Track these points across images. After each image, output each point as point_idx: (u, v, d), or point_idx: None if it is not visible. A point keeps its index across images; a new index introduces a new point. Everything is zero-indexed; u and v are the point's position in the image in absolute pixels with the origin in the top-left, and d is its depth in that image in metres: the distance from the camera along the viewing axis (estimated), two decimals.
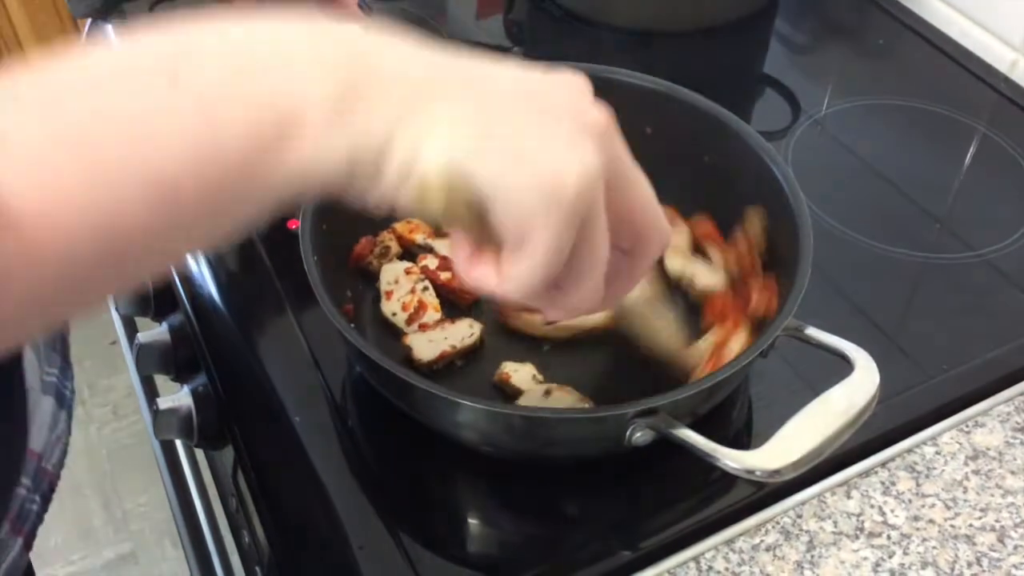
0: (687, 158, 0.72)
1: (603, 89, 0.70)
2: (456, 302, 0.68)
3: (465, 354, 0.65)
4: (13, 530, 0.55)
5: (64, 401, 0.61)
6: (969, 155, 0.85)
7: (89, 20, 1.00)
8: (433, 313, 0.66)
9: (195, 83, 0.33)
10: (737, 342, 0.61)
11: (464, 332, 0.64)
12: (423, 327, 0.65)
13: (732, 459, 0.50)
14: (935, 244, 0.77)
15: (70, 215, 0.31)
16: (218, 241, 0.37)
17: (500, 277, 0.39)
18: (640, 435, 0.52)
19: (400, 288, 0.67)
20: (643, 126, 0.73)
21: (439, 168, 0.36)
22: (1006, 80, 0.91)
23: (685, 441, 0.51)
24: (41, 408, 0.58)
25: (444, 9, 1.04)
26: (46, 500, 0.58)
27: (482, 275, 0.40)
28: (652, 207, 0.42)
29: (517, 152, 0.36)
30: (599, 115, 0.39)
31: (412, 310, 0.65)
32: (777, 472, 0.49)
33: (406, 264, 0.68)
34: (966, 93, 0.91)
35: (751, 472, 0.49)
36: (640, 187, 0.41)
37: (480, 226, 0.38)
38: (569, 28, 0.99)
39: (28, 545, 0.56)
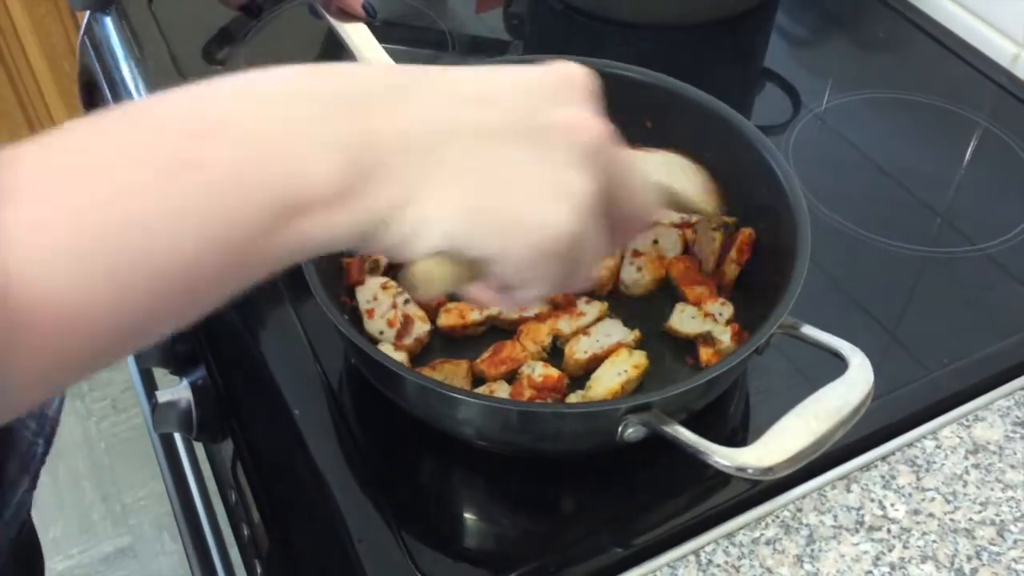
0: (687, 152, 0.71)
1: (603, 83, 0.72)
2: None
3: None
4: (23, 469, 0.58)
5: None
6: (970, 149, 0.85)
7: (87, 13, 1.00)
8: (422, 325, 0.64)
9: (209, 170, 0.34)
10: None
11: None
12: (419, 341, 0.64)
13: (724, 456, 0.49)
14: (936, 238, 0.77)
15: (87, 308, 0.32)
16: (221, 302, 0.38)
17: (500, 298, 0.42)
18: (632, 431, 0.52)
19: (380, 305, 0.65)
20: (644, 120, 0.72)
21: (439, 250, 0.39)
22: (1008, 74, 0.91)
23: (676, 438, 0.51)
24: None
25: (444, 2, 1.04)
26: (48, 443, 0.61)
27: (480, 295, 0.43)
28: (642, 194, 0.45)
29: (511, 220, 0.39)
30: (593, 130, 0.41)
31: (399, 325, 0.64)
32: (770, 470, 0.49)
33: (381, 279, 0.66)
34: (967, 87, 0.90)
35: (743, 470, 0.49)
36: (633, 185, 0.44)
37: (481, 272, 0.41)
38: (569, 22, 0.99)
39: (33, 484, 0.59)
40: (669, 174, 0.64)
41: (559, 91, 0.41)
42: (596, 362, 0.63)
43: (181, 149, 0.34)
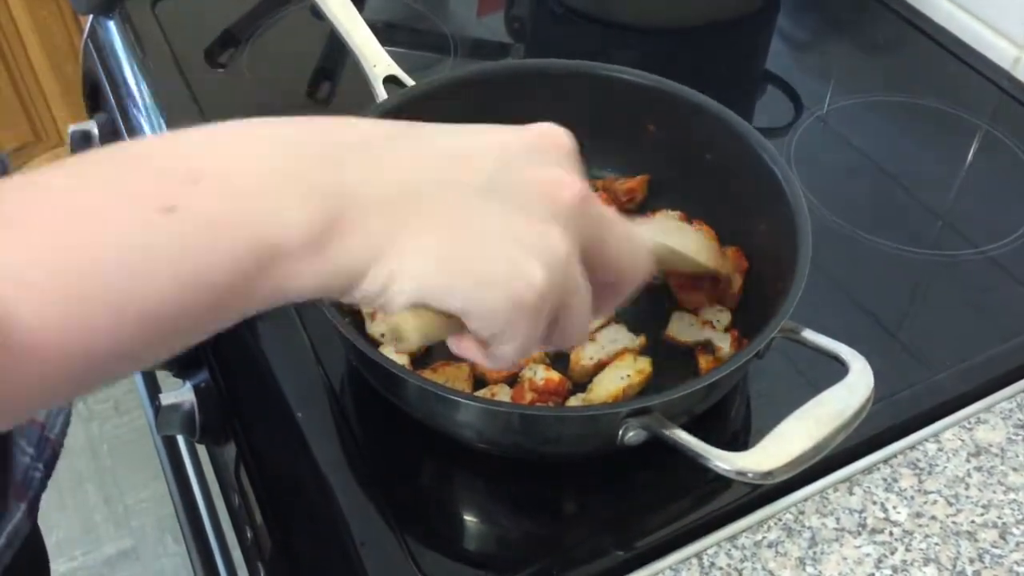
0: (689, 156, 0.72)
1: (605, 87, 0.72)
2: None
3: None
4: (17, 495, 0.57)
5: None
6: (971, 152, 0.85)
7: (91, 16, 1.00)
8: None
9: (190, 216, 0.35)
10: None
11: None
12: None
13: (723, 460, 0.50)
14: (938, 240, 0.77)
15: (66, 342, 0.33)
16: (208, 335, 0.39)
17: (483, 354, 0.42)
18: (633, 434, 0.52)
19: None
20: (646, 123, 0.73)
21: (412, 305, 0.39)
22: (1009, 77, 0.91)
23: (676, 442, 0.51)
24: None
25: (445, 5, 1.04)
26: (49, 469, 0.60)
27: (466, 350, 0.43)
28: (630, 253, 0.45)
29: (484, 274, 0.39)
30: (569, 191, 0.41)
31: None
32: (769, 474, 0.49)
33: None
34: (968, 90, 0.91)
35: (743, 474, 0.49)
36: (617, 241, 0.44)
37: (459, 326, 0.41)
38: (571, 24, 0.99)
39: (31, 512, 0.58)
40: (666, 234, 0.64)
41: (537, 151, 0.42)
42: (602, 368, 0.63)
43: (163, 195, 0.35)
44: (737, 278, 0.67)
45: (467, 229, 0.39)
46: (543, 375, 0.61)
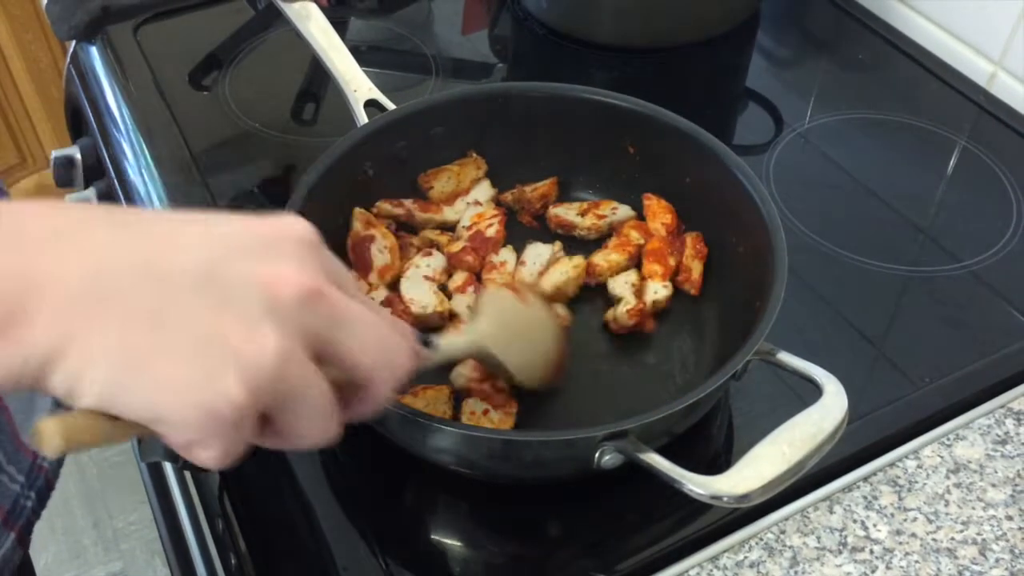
0: (668, 178, 0.72)
1: (584, 109, 0.72)
2: None
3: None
4: (6, 525, 0.56)
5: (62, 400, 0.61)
6: (950, 168, 0.86)
7: (73, 42, 1.01)
8: None
9: None
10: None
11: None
12: None
13: (698, 485, 0.49)
14: (917, 256, 0.78)
15: None
16: None
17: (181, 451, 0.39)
18: (609, 458, 0.52)
19: None
20: (625, 145, 0.73)
21: (97, 408, 0.36)
22: (985, 93, 0.92)
23: (651, 465, 0.51)
24: (39, 406, 0.59)
25: (429, 26, 1.05)
26: (42, 498, 0.59)
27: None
28: (376, 350, 0.41)
29: (171, 381, 0.36)
30: (290, 287, 0.37)
31: None
32: (744, 497, 0.49)
33: None
34: (946, 106, 0.91)
35: (717, 498, 0.49)
36: (358, 338, 0.40)
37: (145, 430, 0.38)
38: (553, 45, 1.00)
39: (22, 541, 0.57)
40: (501, 329, 0.60)
41: (265, 245, 0.39)
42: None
43: None
44: (697, 264, 0.69)
45: (160, 329, 0.36)
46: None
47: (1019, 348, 0.69)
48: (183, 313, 0.36)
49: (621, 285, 0.69)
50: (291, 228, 0.40)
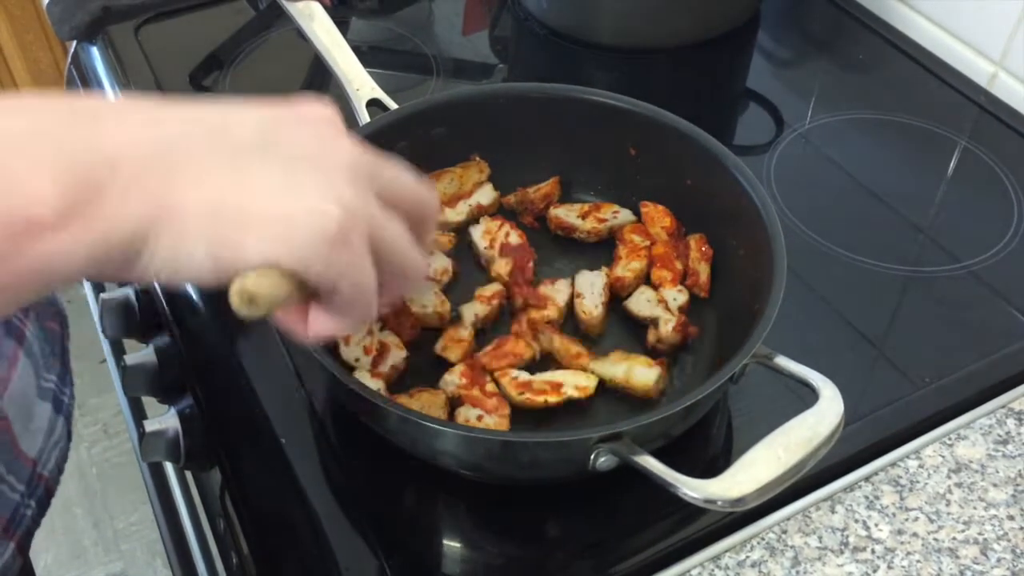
0: (670, 180, 0.72)
1: (584, 110, 0.72)
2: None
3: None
4: (6, 534, 0.55)
5: (62, 407, 0.61)
6: (951, 168, 0.86)
7: (74, 42, 1.01)
8: (398, 352, 0.64)
9: None
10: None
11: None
12: (395, 369, 0.64)
13: (692, 488, 0.49)
14: (918, 257, 0.78)
15: None
16: None
17: (324, 318, 0.42)
18: (604, 460, 0.52)
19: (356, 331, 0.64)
20: (627, 147, 0.73)
21: (209, 269, 0.37)
22: (985, 93, 0.92)
23: (646, 468, 0.51)
24: (37, 414, 0.58)
25: (430, 26, 1.05)
26: (42, 506, 0.58)
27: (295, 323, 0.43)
28: (414, 184, 0.46)
29: (277, 218, 0.37)
30: (342, 144, 0.41)
31: (375, 353, 0.63)
32: (739, 501, 0.49)
33: None
34: (946, 106, 0.91)
35: (712, 501, 0.49)
36: (399, 177, 0.45)
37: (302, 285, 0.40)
38: (553, 46, 1.00)
39: (21, 550, 0.57)
40: None
41: (302, 119, 0.42)
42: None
43: None
44: (704, 267, 0.69)
45: (249, 179, 0.37)
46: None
47: (1020, 348, 0.69)
48: (261, 168, 0.38)
49: (646, 305, 0.68)
50: (316, 107, 0.43)
